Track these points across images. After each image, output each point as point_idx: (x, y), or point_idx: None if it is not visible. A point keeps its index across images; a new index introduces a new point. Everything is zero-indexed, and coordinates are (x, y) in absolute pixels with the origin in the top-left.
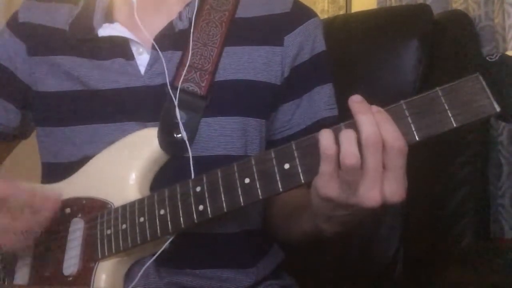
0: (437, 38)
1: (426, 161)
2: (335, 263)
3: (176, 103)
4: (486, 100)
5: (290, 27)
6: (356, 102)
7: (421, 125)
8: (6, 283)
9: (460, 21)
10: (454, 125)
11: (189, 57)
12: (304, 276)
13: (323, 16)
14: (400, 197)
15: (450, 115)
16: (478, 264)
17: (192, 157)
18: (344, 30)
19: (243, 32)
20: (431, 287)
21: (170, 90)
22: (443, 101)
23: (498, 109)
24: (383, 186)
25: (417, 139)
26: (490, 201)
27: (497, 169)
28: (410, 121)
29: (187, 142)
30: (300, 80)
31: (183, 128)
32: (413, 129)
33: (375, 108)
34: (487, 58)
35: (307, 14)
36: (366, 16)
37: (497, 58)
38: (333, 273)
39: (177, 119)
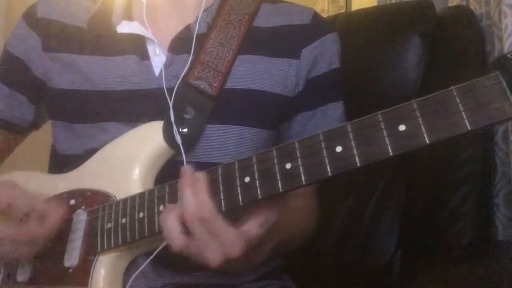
0: (439, 35)
1: (425, 160)
2: (333, 264)
3: (170, 102)
4: (505, 102)
5: (308, 40)
6: (181, 175)
7: (432, 127)
8: (9, 274)
9: (464, 18)
10: (469, 128)
11: (205, 55)
12: (303, 277)
13: (323, 15)
14: (233, 254)
15: (464, 117)
16: (477, 264)
17: (190, 162)
18: (345, 29)
19: (261, 41)
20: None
21: (180, 86)
22: (458, 101)
23: None
24: (213, 248)
25: (427, 142)
26: (490, 201)
27: (492, 168)
28: (421, 122)
29: (180, 145)
30: (314, 92)
31: (176, 131)
32: (424, 131)
33: (195, 176)
34: (508, 55)
35: (326, 28)
36: (367, 14)
37: None
38: (331, 273)
39: (184, 114)
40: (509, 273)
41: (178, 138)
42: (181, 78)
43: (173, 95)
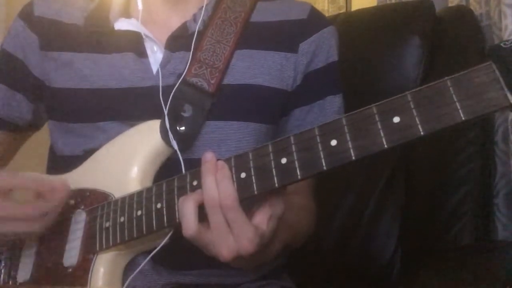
0: (439, 35)
1: (425, 160)
2: (333, 264)
3: (162, 101)
4: (499, 92)
5: (305, 34)
6: (204, 161)
7: (426, 117)
8: (10, 274)
9: (464, 18)
10: (463, 118)
11: (201, 52)
12: (303, 277)
13: None
14: (247, 250)
15: (458, 107)
16: (477, 264)
17: (190, 159)
18: (345, 29)
19: (258, 36)
20: (430, 287)
21: (178, 84)
22: (452, 91)
23: None
24: (229, 241)
25: (421, 133)
26: (490, 201)
27: (492, 168)
28: (415, 113)
29: (176, 146)
30: (312, 86)
31: (171, 130)
32: (418, 122)
33: (220, 164)
34: (501, 44)
35: (323, 22)
36: (367, 14)
37: None
38: (331, 273)
39: (182, 112)
40: (509, 273)
41: (174, 144)
42: (183, 76)
43: (172, 93)
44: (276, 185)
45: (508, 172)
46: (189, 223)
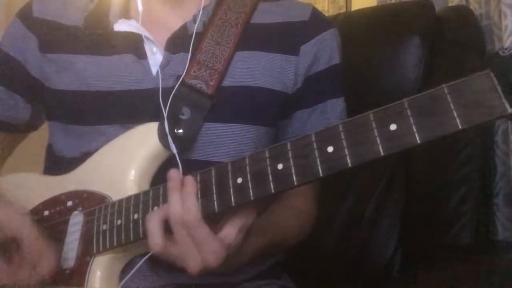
0: (439, 35)
1: (425, 160)
2: (333, 264)
3: (162, 103)
4: (496, 100)
5: (307, 36)
6: (169, 179)
7: (423, 126)
8: None
9: (464, 18)
10: (460, 127)
11: (201, 54)
12: (303, 277)
13: None
14: (212, 264)
15: (455, 115)
16: (477, 264)
17: (188, 160)
18: (345, 29)
19: (259, 37)
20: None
21: (177, 86)
22: (449, 100)
23: (509, 110)
24: (195, 256)
25: (418, 141)
26: (490, 201)
27: (492, 168)
28: (412, 121)
29: (175, 150)
30: (314, 89)
31: (168, 128)
32: (415, 130)
33: (185, 180)
34: (499, 52)
35: (325, 24)
36: (367, 14)
37: (511, 52)
38: (332, 273)
39: (180, 115)
40: (509, 273)
41: (173, 147)
42: (181, 78)
43: (171, 95)
44: (273, 191)
45: (508, 172)
46: (156, 239)
